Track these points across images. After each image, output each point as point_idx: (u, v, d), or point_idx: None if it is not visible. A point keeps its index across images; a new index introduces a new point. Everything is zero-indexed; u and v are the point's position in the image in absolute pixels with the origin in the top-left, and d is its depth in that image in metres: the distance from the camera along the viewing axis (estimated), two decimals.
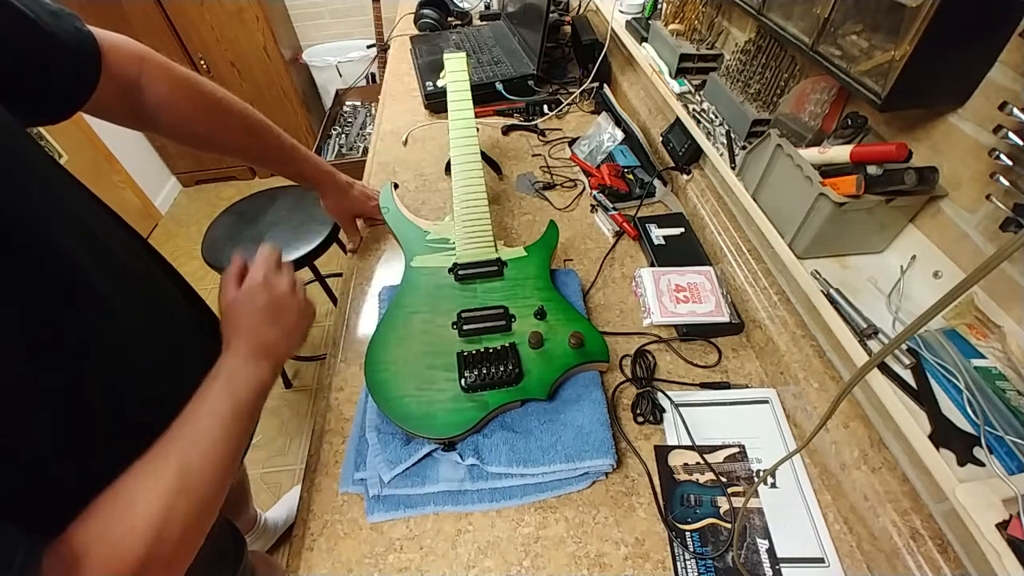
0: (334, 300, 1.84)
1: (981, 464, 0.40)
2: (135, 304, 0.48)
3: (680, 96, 0.85)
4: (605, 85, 1.17)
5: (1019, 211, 0.41)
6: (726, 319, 0.69)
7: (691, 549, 0.52)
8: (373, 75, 2.54)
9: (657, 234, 0.83)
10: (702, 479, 0.57)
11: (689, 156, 0.86)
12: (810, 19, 0.55)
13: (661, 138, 0.94)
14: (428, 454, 0.57)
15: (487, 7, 1.68)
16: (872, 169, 0.52)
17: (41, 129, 1.75)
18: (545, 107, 1.16)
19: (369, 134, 2.26)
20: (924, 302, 0.52)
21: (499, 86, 1.18)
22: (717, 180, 0.83)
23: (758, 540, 0.52)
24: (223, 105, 0.64)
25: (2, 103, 0.38)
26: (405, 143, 1.11)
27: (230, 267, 0.57)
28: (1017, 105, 0.40)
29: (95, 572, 0.33)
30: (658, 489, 0.56)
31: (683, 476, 0.57)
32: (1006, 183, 0.42)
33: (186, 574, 0.40)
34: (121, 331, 0.45)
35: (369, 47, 2.41)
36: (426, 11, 1.57)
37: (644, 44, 0.98)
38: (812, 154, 0.57)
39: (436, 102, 1.17)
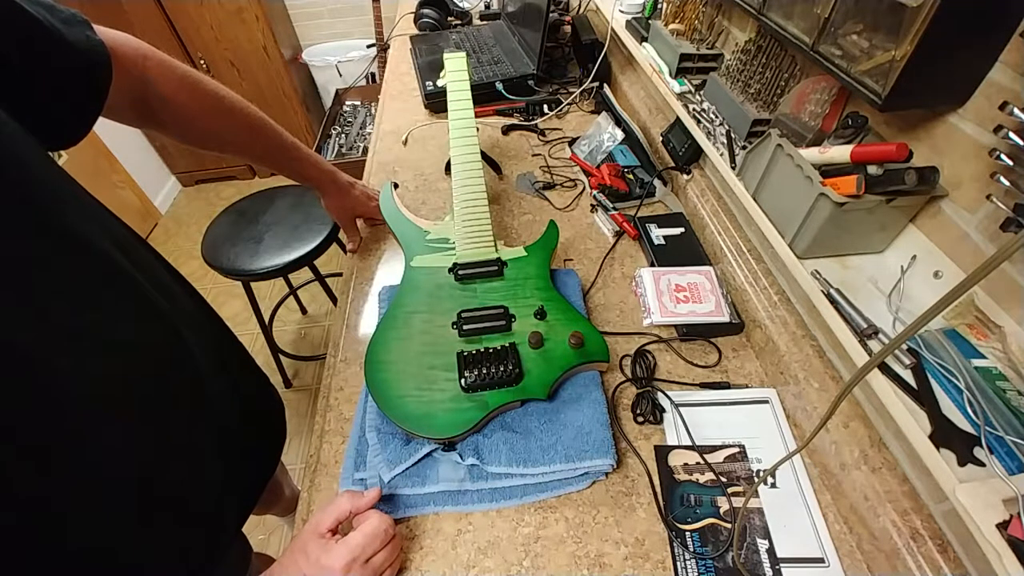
0: (334, 300, 1.84)
1: (981, 464, 0.40)
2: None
3: (680, 96, 0.85)
4: (605, 85, 1.17)
5: (1019, 211, 0.41)
6: (726, 319, 0.69)
7: (691, 549, 0.52)
8: (373, 75, 2.54)
9: (657, 234, 0.83)
10: (702, 479, 0.57)
11: (689, 156, 0.86)
12: (810, 19, 0.55)
13: (661, 138, 0.94)
14: (428, 454, 0.57)
15: (487, 7, 1.68)
16: (872, 169, 0.52)
17: None
18: (545, 107, 1.16)
19: (369, 134, 2.26)
20: (924, 302, 0.52)
21: (499, 86, 1.18)
22: (717, 180, 0.83)
23: (758, 540, 0.52)
24: (225, 103, 0.64)
25: (18, 120, 0.38)
26: (405, 143, 1.11)
27: (338, 504, 0.49)
28: (1017, 105, 0.40)
29: None
30: (658, 489, 0.56)
31: (683, 476, 0.57)
32: (1006, 183, 0.42)
33: None
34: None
35: (369, 47, 2.41)
36: (426, 11, 1.57)
37: (644, 44, 0.98)
38: (812, 154, 0.57)
39: (436, 102, 1.17)
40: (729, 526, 0.53)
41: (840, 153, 0.55)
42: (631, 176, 0.96)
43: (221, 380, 0.56)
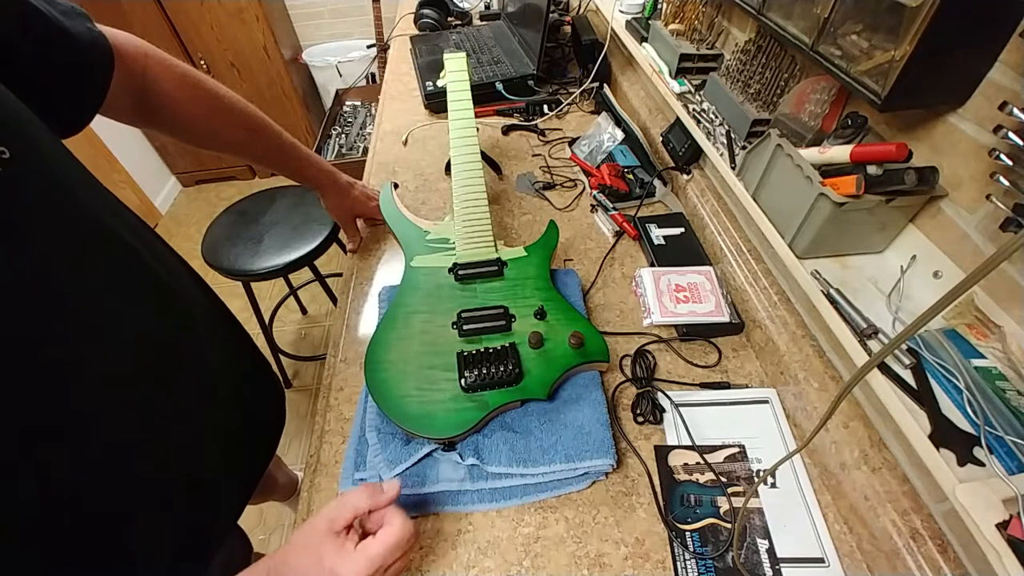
0: (334, 300, 1.84)
1: (981, 464, 0.40)
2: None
3: (680, 96, 0.85)
4: (605, 85, 1.17)
5: (1019, 211, 0.41)
6: (726, 319, 0.69)
7: (691, 549, 0.52)
8: (373, 75, 2.54)
9: (657, 234, 0.83)
10: (702, 479, 0.57)
11: (689, 156, 0.86)
12: (810, 19, 0.55)
13: (661, 138, 0.94)
14: (428, 454, 0.57)
15: (487, 7, 1.68)
16: (872, 169, 0.52)
17: None
18: (545, 107, 1.16)
19: (369, 134, 2.26)
20: (924, 302, 0.52)
21: (499, 86, 1.18)
22: (717, 180, 0.83)
23: (758, 540, 0.52)
24: (226, 103, 0.64)
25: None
26: (405, 143, 1.11)
27: (356, 500, 0.44)
28: (1017, 105, 0.40)
29: None
30: (658, 489, 0.56)
31: (683, 476, 0.57)
32: (1006, 183, 0.42)
33: None
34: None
35: (369, 47, 2.41)
36: (426, 11, 1.57)
37: (644, 44, 0.98)
38: (812, 154, 0.57)
39: (436, 102, 1.17)
40: (729, 526, 0.53)
41: (840, 153, 0.55)
42: (631, 176, 0.96)
43: (226, 367, 0.57)
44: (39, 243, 0.36)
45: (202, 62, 2.27)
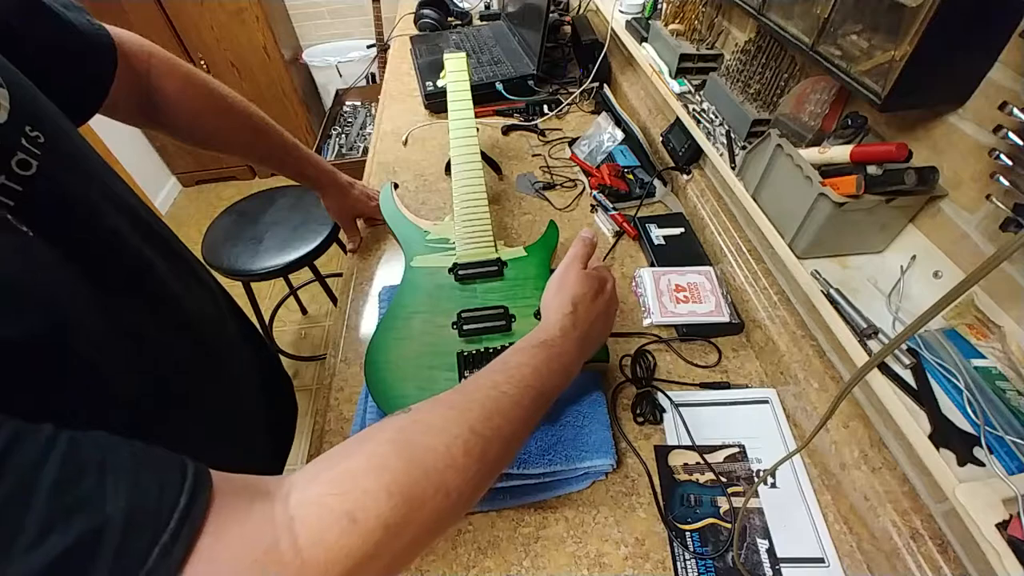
0: (334, 300, 1.84)
1: (981, 464, 0.40)
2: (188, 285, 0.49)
3: (680, 96, 0.85)
4: (605, 85, 1.17)
5: (1019, 211, 0.41)
6: (726, 319, 0.69)
7: (691, 549, 0.52)
8: (373, 75, 2.54)
9: (657, 234, 0.83)
10: (702, 479, 0.57)
11: (689, 156, 0.86)
12: (810, 19, 0.55)
13: (661, 138, 0.94)
14: None
15: (487, 7, 1.68)
16: (872, 169, 0.52)
17: None
18: (545, 107, 1.16)
19: (369, 134, 2.27)
20: (924, 302, 0.52)
21: (499, 86, 1.18)
22: (717, 180, 0.83)
23: (758, 540, 0.52)
24: (228, 103, 0.64)
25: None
26: (405, 143, 1.11)
27: (580, 250, 0.55)
28: (1017, 105, 0.40)
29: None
30: (658, 489, 0.56)
31: (683, 476, 0.57)
32: (1006, 183, 0.42)
33: None
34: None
35: (369, 47, 2.41)
36: (426, 11, 1.57)
37: (644, 44, 0.98)
38: (812, 154, 0.57)
39: (436, 102, 1.17)
40: (729, 526, 0.53)
41: (840, 153, 0.55)
42: (631, 176, 0.96)
43: (246, 353, 0.59)
44: (98, 229, 0.36)
45: (202, 62, 2.27)
